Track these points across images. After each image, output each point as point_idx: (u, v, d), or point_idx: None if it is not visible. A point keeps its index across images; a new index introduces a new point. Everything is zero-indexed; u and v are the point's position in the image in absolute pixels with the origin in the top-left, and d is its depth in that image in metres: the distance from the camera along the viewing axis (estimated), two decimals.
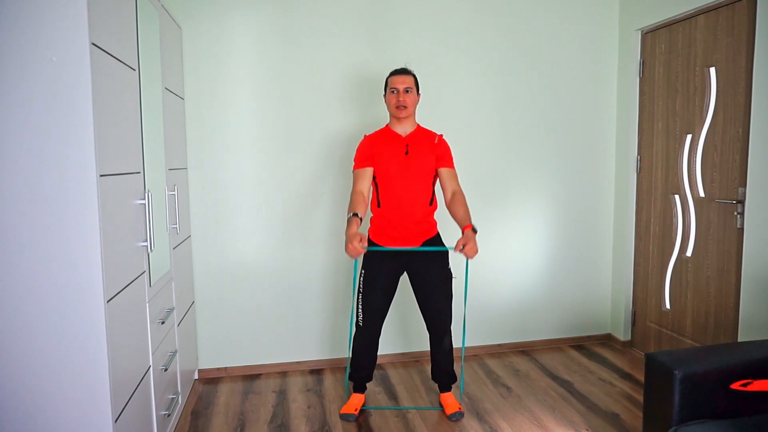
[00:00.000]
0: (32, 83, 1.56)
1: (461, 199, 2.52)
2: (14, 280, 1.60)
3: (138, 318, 2.01)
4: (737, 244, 2.69)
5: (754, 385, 1.73)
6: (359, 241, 2.32)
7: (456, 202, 2.51)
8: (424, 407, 2.74)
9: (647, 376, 1.86)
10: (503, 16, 3.30)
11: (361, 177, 2.55)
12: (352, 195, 2.53)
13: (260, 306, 3.18)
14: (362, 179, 2.54)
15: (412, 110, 2.55)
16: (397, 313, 3.25)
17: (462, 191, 2.56)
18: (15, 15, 1.54)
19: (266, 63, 3.06)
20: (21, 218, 1.58)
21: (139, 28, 2.07)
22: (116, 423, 1.71)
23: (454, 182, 2.56)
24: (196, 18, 2.97)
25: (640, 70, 3.32)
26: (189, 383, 2.91)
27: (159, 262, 2.30)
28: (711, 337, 2.90)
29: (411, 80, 2.53)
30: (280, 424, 2.60)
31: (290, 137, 3.13)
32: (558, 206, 3.49)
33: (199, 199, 3.07)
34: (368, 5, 3.13)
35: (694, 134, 2.95)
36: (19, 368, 1.62)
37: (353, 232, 2.36)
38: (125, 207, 1.87)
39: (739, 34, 2.64)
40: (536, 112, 3.39)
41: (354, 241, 2.31)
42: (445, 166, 2.57)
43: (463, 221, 2.47)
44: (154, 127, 2.29)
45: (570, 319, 3.58)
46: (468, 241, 2.36)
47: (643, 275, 3.38)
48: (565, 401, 2.78)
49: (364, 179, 2.54)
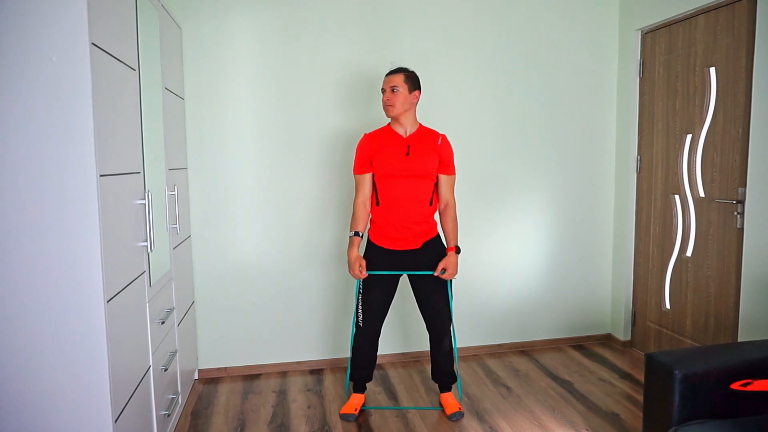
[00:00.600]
0: (32, 83, 1.56)
1: (452, 214, 2.61)
2: (14, 280, 1.60)
3: (138, 318, 2.01)
4: (737, 244, 2.69)
5: (754, 385, 1.73)
6: (359, 267, 2.50)
7: (446, 216, 2.61)
8: (424, 407, 2.74)
9: (647, 376, 1.86)
10: (503, 16, 3.30)
11: (362, 184, 2.60)
12: (354, 208, 2.61)
13: (260, 306, 3.18)
14: (363, 186, 2.59)
15: (400, 109, 2.51)
16: (397, 313, 3.25)
17: (455, 203, 2.63)
18: (15, 15, 1.54)
19: (266, 63, 3.06)
20: (21, 218, 1.58)
21: (139, 28, 2.07)
22: (116, 423, 1.71)
23: (450, 192, 2.62)
24: (196, 18, 2.97)
25: (640, 70, 3.32)
26: (189, 383, 2.90)
27: (159, 262, 2.30)
28: (711, 337, 2.90)
29: (399, 79, 2.50)
30: (280, 424, 2.59)
31: (290, 137, 3.13)
32: (558, 206, 3.49)
33: (199, 199, 3.07)
34: (368, 5, 3.13)
35: (694, 134, 2.95)
36: (19, 368, 1.62)
37: (354, 256, 2.51)
38: (125, 207, 1.87)
39: (739, 34, 2.64)
40: (536, 112, 3.39)
41: (355, 269, 2.50)
42: (446, 173, 2.58)
43: (449, 240, 2.60)
44: (154, 127, 2.29)
45: (570, 319, 3.58)
46: (449, 266, 2.52)
47: (643, 275, 3.38)
48: (565, 401, 2.78)
49: (364, 186, 2.59)
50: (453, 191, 2.64)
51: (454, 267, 2.53)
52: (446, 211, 2.61)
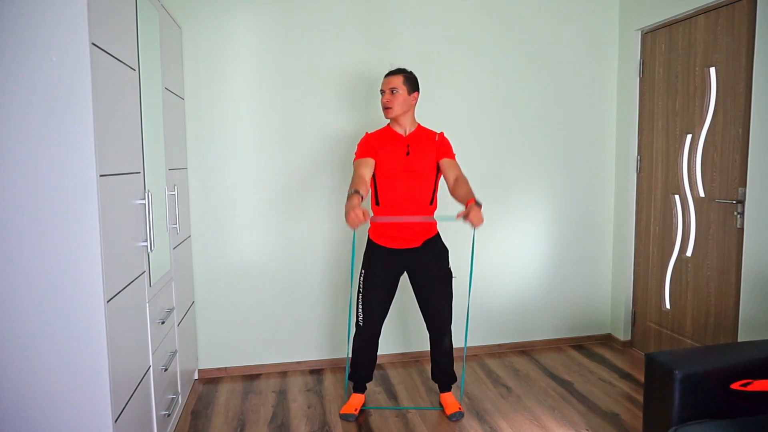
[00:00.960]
0: (32, 83, 1.56)
1: (464, 180, 2.44)
2: (14, 280, 1.60)
3: (138, 318, 2.01)
4: (737, 244, 2.69)
5: (754, 385, 1.73)
6: (362, 212, 2.15)
7: (459, 183, 2.43)
8: (424, 407, 2.74)
9: (647, 376, 1.86)
10: (503, 16, 3.30)
11: (362, 164, 2.46)
12: (353, 177, 2.44)
13: (260, 306, 3.18)
14: (363, 166, 2.45)
15: (399, 111, 2.50)
16: (397, 313, 3.25)
17: (465, 176, 2.47)
18: (15, 15, 1.54)
19: (266, 63, 3.06)
20: (21, 218, 1.58)
21: (139, 28, 2.07)
22: (116, 423, 1.71)
23: (456, 169, 2.49)
24: (196, 18, 2.97)
25: (640, 70, 3.32)
26: (189, 383, 2.91)
27: (159, 262, 2.30)
28: (711, 337, 2.90)
29: (398, 81, 2.49)
30: (280, 424, 2.60)
31: (290, 137, 3.13)
32: (558, 206, 3.49)
33: (199, 199, 3.07)
34: (368, 5, 3.13)
35: (694, 134, 2.95)
36: (19, 368, 1.62)
37: (354, 203, 2.21)
38: (125, 207, 1.87)
39: (739, 34, 2.64)
40: (536, 112, 3.39)
41: (356, 209, 2.15)
42: (446, 157, 2.53)
43: (465, 197, 2.34)
44: (154, 127, 2.29)
45: (570, 319, 3.58)
46: (470, 210, 2.24)
47: (643, 275, 3.38)
48: (565, 401, 2.78)
49: (365, 166, 2.46)
50: (459, 169, 2.49)
51: (477, 212, 2.23)
52: (458, 182, 2.43)
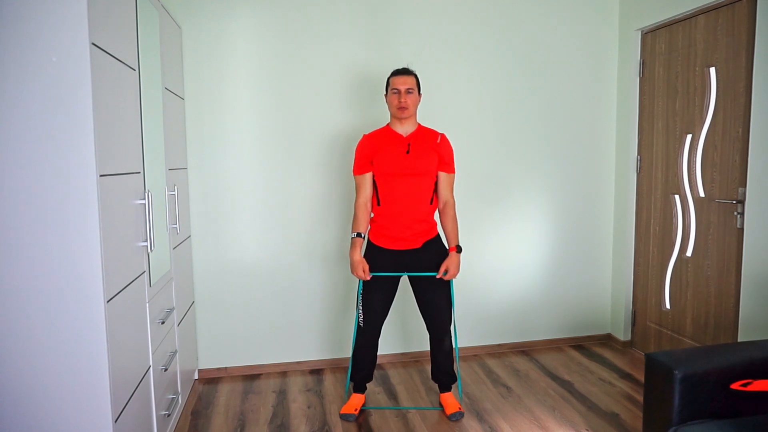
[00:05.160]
0: (32, 83, 1.56)
1: (452, 213, 2.61)
2: (14, 280, 1.60)
3: (138, 318, 2.01)
4: (737, 244, 2.69)
5: (754, 385, 1.73)
6: (362, 269, 2.51)
7: (446, 215, 2.61)
8: (424, 407, 2.74)
9: (647, 376, 1.86)
10: (503, 17, 3.30)
11: (362, 185, 2.60)
12: (355, 209, 2.61)
13: (260, 306, 3.18)
14: (363, 187, 2.60)
15: (413, 110, 2.55)
16: (397, 313, 3.25)
17: (454, 202, 2.64)
18: (15, 15, 1.54)
19: (266, 63, 3.06)
20: (21, 218, 1.59)
21: (139, 28, 2.07)
22: (116, 423, 1.71)
23: (449, 191, 2.62)
24: (196, 18, 2.97)
25: (640, 70, 3.32)
26: (189, 383, 2.90)
27: (159, 262, 2.30)
28: (711, 337, 2.90)
29: (412, 81, 2.53)
30: (280, 424, 2.59)
31: (290, 137, 3.13)
32: (558, 206, 3.49)
33: (199, 199, 3.07)
34: (368, 6, 3.13)
35: (694, 134, 2.95)
36: (19, 368, 1.62)
37: (357, 258, 2.52)
38: (125, 207, 1.87)
39: (739, 34, 2.64)
40: (536, 112, 3.39)
41: (358, 271, 2.52)
42: (446, 171, 2.59)
43: (450, 240, 2.60)
44: (154, 127, 2.29)
45: (570, 319, 3.58)
46: (451, 266, 2.52)
47: (643, 275, 3.38)
48: (565, 401, 2.78)
49: (365, 187, 2.59)
50: (452, 190, 2.64)
51: (456, 267, 2.53)
52: (445, 210, 2.61)
